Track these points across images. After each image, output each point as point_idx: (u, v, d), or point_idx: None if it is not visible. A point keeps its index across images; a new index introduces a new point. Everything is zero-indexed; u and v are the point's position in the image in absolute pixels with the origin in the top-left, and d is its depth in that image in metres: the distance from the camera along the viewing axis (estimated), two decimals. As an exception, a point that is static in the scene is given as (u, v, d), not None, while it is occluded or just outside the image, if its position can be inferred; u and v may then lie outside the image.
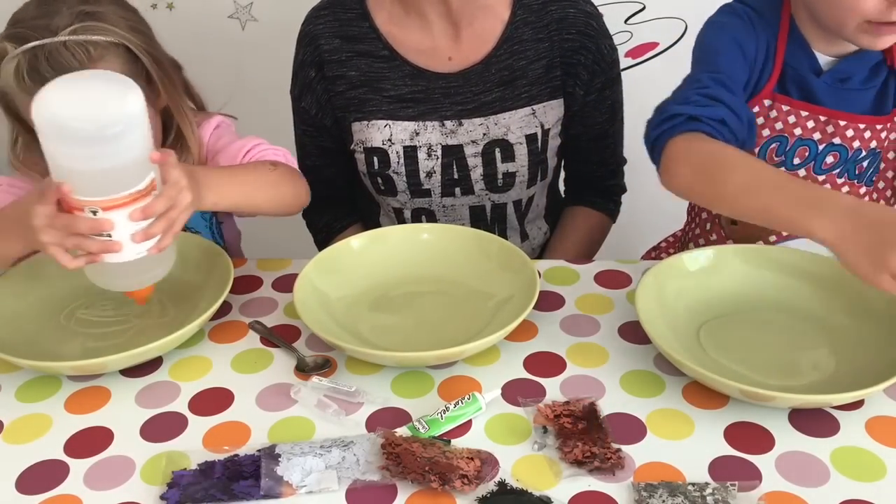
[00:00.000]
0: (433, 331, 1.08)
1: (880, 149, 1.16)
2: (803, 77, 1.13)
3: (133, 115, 0.90)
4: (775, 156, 1.18)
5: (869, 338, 1.00)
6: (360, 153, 1.38)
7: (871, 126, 1.14)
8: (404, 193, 1.39)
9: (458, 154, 1.36)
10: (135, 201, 0.91)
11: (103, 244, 0.92)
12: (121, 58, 1.13)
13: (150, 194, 0.93)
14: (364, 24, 1.34)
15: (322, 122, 1.40)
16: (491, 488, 0.83)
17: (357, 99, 1.36)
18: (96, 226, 0.91)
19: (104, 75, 0.95)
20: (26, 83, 1.07)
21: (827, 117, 1.14)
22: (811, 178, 1.18)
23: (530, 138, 1.36)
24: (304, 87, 1.39)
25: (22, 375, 1.03)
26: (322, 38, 1.35)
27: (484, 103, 1.35)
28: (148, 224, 0.93)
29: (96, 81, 0.94)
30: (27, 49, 1.07)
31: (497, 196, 1.41)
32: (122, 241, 0.92)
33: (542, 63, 1.35)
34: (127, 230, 0.92)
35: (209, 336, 1.09)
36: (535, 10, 1.34)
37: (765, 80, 1.14)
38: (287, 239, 1.62)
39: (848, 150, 1.15)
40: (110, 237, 0.92)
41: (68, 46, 1.08)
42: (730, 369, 0.97)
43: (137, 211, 0.91)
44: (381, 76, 1.34)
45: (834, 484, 0.83)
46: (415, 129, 1.35)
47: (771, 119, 1.16)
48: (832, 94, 1.13)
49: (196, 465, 0.87)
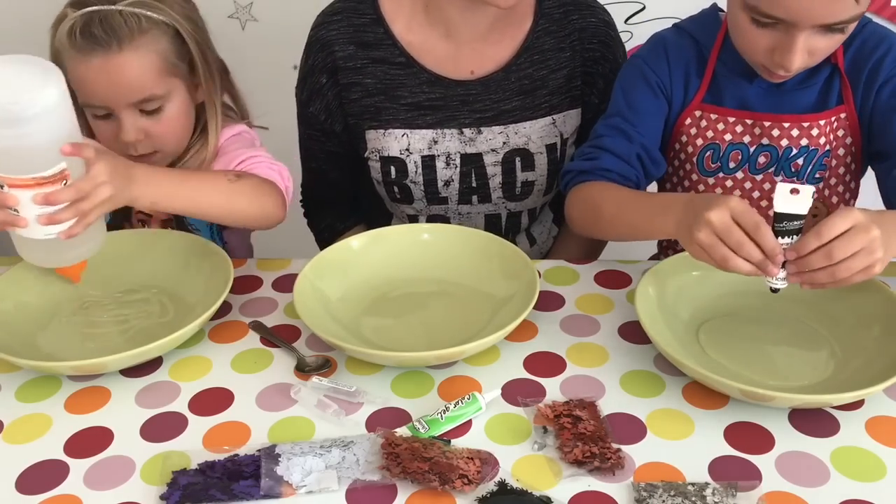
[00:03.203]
0: (433, 331, 1.08)
1: (815, 146, 1.18)
2: (736, 84, 1.19)
3: (46, 103, 0.93)
4: (711, 162, 1.23)
5: (869, 338, 1.00)
6: (374, 161, 1.36)
7: (797, 125, 1.17)
8: (421, 201, 1.39)
9: (478, 163, 1.35)
10: (39, 185, 0.95)
11: (9, 216, 0.97)
12: (168, 37, 1.18)
13: (57, 182, 0.96)
14: (379, 29, 1.32)
15: (331, 129, 1.39)
16: (491, 488, 0.83)
17: (373, 107, 1.34)
18: (2, 199, 0.95)
19: (37, 61, 0.97)
20: (77, 40, 1.13)
21: (753, 120, 1.19)
22: (749, 179, 1.22)
23: (550, 148, 1.36)
24: (314, 92, 1.37)
25: (22, 375, 1.03)
26: (336, 45, 1.32)
27: (503, 111, 1.34)
28: (54, 210, 0.96)
29: (24, 65, 0.97)
30: (85, 12, 1.13)
31: (514, 205, 1.41)
32: (27, 220, 0.97)
33: (563, 73, 1.35)
34: (32, 211, 0.96)
35: (209, 336, 1.09)
36: (556, 19, 1.34)
37: (692, 94, 1.22)
38: (287, 239, 1.62)
39: (777, 149, 1.19)
40: (17, 213, 0.96)
41: (123, 14, 1.14)
42: (730, 369, 0.97)
43: (39, 196, 0.95)
44: (398, 83, 1.33)
45: (834, 484, 0.83)
46: (433, 137, 1.34)
47: (703, 129, 1.22)
48: (766, 97, 1.18)
49: (196, 465, 0.87)
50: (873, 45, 1.15)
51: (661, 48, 1.24)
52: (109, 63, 1.13)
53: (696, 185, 1.26)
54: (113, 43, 1.12)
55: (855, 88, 1.16)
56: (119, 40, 1.13)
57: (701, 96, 1.22)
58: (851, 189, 1.27)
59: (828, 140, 1.19)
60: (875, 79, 1.15)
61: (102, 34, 1.12)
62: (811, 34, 1.03)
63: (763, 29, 1.05)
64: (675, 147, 1.27)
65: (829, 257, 0.88)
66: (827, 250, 0.88)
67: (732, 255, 0.91)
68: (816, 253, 0.89)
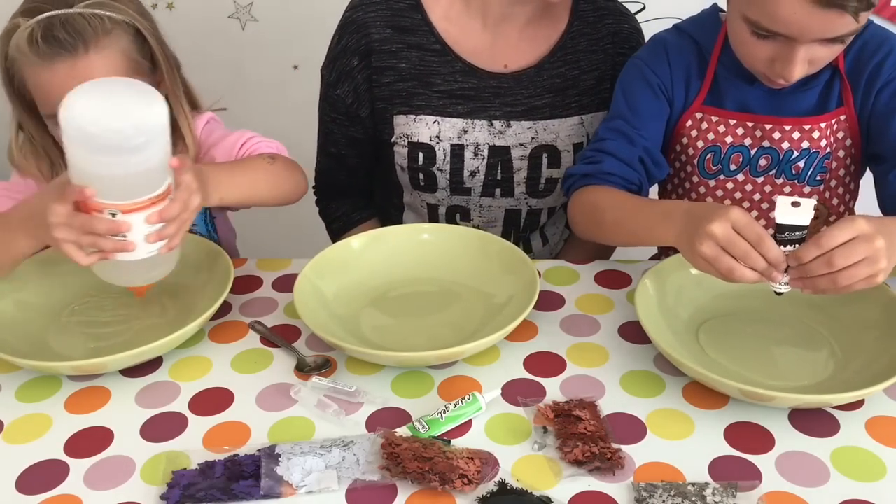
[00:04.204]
0: (433, 331, 1.08)
1: (816, 148, 1.18)
2: (736, 86, 1.19)
3: (158, 125, 0.92)
4: (712, 165, 1.23)
5: (869, 338, 1.00)
6: (402, 146, 1.36)
7: (798, 127, 1.17)
8: (444, 190, 1.39)
9: (505, 155, 1.36)
10: (153, 205, 0.94)
11: (118, 244, 0.94)
12: (130, 36, 1.16)
13: (166, 198, 0.96)
14: (416, 15, 1.33)
15: (356, 112, 1.38)
16: (491, 488, 0.83)
17: (405, 92, 1.34)
18: (114, 227, 0.93)
19: (131, 83, 0.97)
20: (39, 47, 1.09)
21: (754, 122, 1.19)
22: (750, 181, 1.22)
23: (577, 147, 1.37)
24: (343, 74, 1.36)
25: (22, 375, 1.03)
26: (373, 27, 1.32)
27: (534, 107, 1.35)
28: (162, 225, 0.96)
29: (124, 88, 0.96)
30: (42, 18, 1.10)
31: (535, 201, 1.41)
32: (136, 242, 0.95)
33: (594, 74, 1.37)
34: (142, 231, 0.95)
35: (209, 336, 1.09)
36: (590, 22, 1.36)
37: (693, 96, 1.22)
38: (286, 239, 1.62)
39: (778, 152, 1.19)
40: (125, 237, 0.94)
41: (84, 16, 1.11)
42: (730, 369, 0.97)
43: (154, 214, 0.94)
44: (432, 70, 1.33)
45: (834, 484, 0.83)
46: (463, 126, 1.34)
47: (703, 131, 1.22)
48: (767, 100, 1.18)
49: (196, 465, 0.87)
50: (874, 47, 1.15)
51: (662, 50, 1.24)
52: (77, 67, 1.10)
53: (696, 187, 1.26)
54: (79, 45, 1.10)
55: (855, 90, 1.16)
56: (85, 42, 1.10)
57: (702, 98, 1.22)
58: (851, 190, 1.27)
59: (829, 142, 1.19)
60: (875, 81, 1.15)
61: (67, 37, 1.09)
62: (812, 45, 1.03)
63: (764, 40, 1.05)
64: (675, 149, 1.27)
65: (830, 265, 0.88)
66: (827, 258, 0.88)
67: (737, 266, 0.91)
68: (818, 261, 0.89)
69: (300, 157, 1.47)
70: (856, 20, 0.98)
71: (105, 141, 0.89)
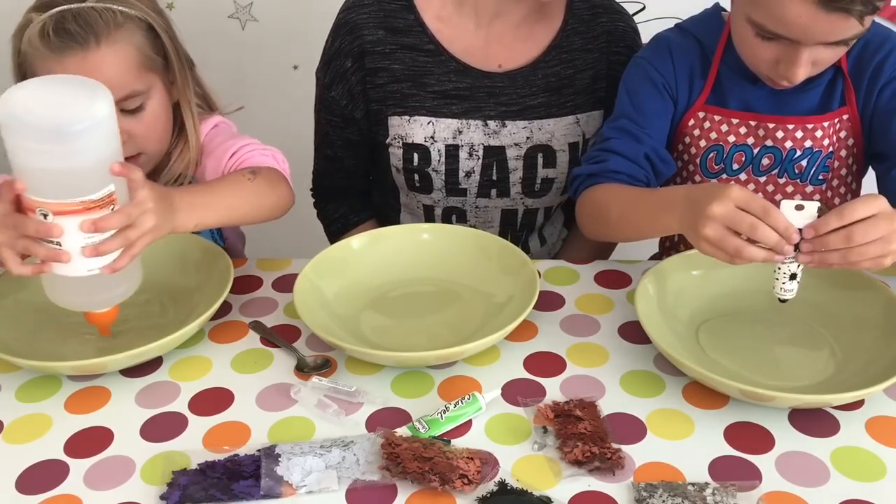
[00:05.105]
0: (433, 331, 1.08)
1: (818, 148, 1.19)
2: (739, 86, 1.20)
3: (96, 119, 0.87)
4: (715, 164, 1.23)
5: (869, 338, 1.00)
6: (397, 148, 1.36)
7: (801, 126, 1.17)
8: (440, 191, 1.39)
9: (500, 156, 1.36)
10: (88, 210, 0.88)
11: (50, 251, 0.89)
12: (143, 32, 1.15)
13: (106, 207, 0.89)
14: (409, 16, 1.33)
15: (351, 115, 1.38)
16: (491, 488, 0.83)
17: (399, 93, 1.34)
18: (44, 230, 0.88)
19: (82, 80, 0.92)
20: (51, 40, 1.08)
21: (757, 122, 1.19)
22: (752, 181, 1.22)
23: (573, 146, 1.37)
24: (337, 76, 1.36)
25: (22, 375, 1.03)
26: (366, 29, 1.32)
27: (529, 107, 1.35)
28: (101, 239, 0.90)
29: (70, 84, 0.92)
30: (55, 12, 1.09)
31: (532, 201, 1.41)
32: (70, 252, 0.89)
33: (588, 73, 1.36)
34: (77, 241, 0.89)
35: (209, 336, 1.09)
36: (585, 20, 1.36)
37: (696, 95, 1.22)
38: (287, 239, 1.62)
39: (781, 151, 1.19)
40: (60, 246, 0.89)
41: (96, 9, 1.10)
42: (730, 369, 0.97)
43: (88, 222, 0.88)
44: (426, 71, 1.33)
45: (834, 484, 0.83)
46: (458, 127, 1.34)
47: (706, 130, 1.22)
48: (770, 99, 1.18)
49: (196, 465, 0.87)
50: (876, 46, 1.15)
51: (666, 48, 1.24)
52: (87, 60, 1.09)
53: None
54: (90, 38, 1.09)
55: (857, 90, 1.17)
56: (96, 35, 1.09)
57: (704, 97, 1.22)
58: (853, 189, 1.27)
59: (831, 142, 1.19)
60: (877, 80, 1.15)
61: (78, 30, 1.08)
62: (816, 48, 1.03)
63: (768, 42, 1.05)
64: (678, 148, 1.27)
65: (849, 240, 0.87)
66: (847, 232, 0.87)
67: (744, 245, 0.90)
68: (836, 233, 0.87)
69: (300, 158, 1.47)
70: (860, 24, 0.98)
71: (33, 125, 0.84)
